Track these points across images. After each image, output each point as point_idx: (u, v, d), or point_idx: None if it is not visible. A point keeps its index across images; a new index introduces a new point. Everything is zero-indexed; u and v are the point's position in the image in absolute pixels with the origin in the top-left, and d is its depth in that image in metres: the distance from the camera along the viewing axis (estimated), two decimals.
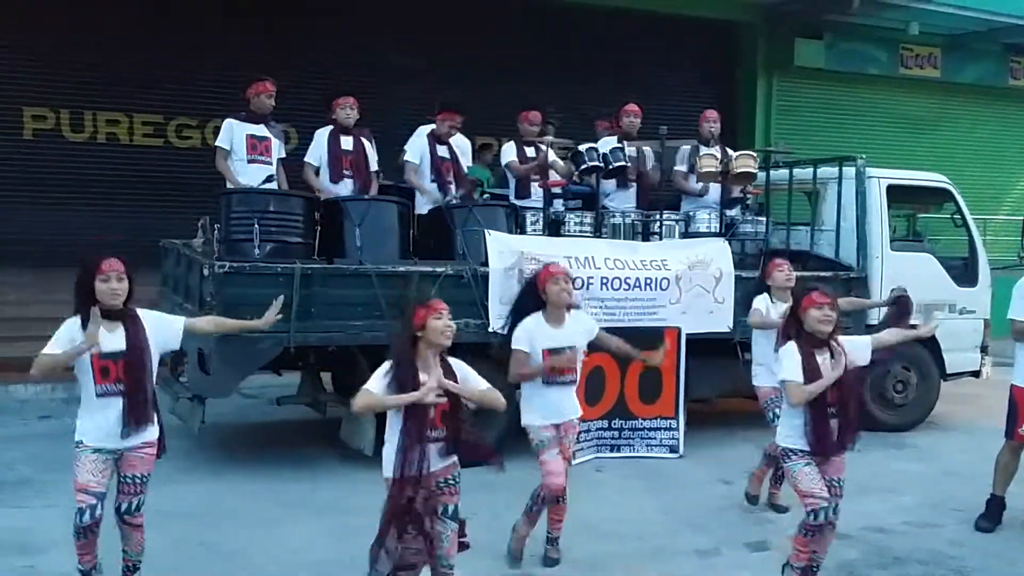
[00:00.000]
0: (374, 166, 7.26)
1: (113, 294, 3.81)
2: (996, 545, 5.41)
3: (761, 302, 5.81)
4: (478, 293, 6.45)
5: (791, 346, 4.27)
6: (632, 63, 14.31)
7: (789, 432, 4.32)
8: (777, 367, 4.39)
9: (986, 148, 17.38)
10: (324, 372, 7.47)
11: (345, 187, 7.09)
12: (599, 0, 13.78)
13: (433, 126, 7.48)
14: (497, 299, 6.47)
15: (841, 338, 4.33)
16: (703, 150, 7.93)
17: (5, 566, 4.68)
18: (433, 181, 7.38)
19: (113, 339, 3.83)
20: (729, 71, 15.97)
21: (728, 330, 7.29)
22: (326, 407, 7.34)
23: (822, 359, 4.23)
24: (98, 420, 3.88)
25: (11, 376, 8.64)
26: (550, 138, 7.71)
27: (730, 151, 7.96)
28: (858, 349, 4.38)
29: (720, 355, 7.38)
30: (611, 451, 7.02)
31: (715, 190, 7.98)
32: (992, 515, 5.64)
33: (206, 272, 5.89)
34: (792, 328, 4.35)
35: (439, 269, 6.40)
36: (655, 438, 7.12)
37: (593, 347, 5.13)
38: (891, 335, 4.67)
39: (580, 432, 6.52)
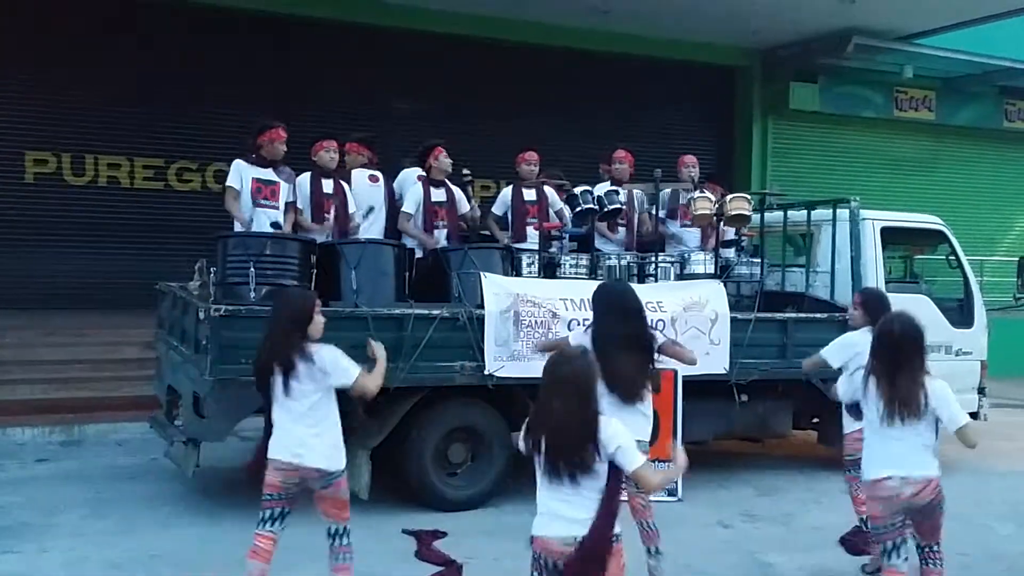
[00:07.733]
0: (352, 208, 7.29)
1: None
2: None
3: None
4: (474, 336, 6.45)
5: None
6: (632, 107, 14.52)
7: None
8: None
9: (981, 190, 17.45)
10: None
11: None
12: (600, 46, 14.01)
13: (419, 170, 7.52)
14: (493, 341, 6.47)
15: None
16: (684, 195, 8.11)
17: None
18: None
19: None
20: (726, 114, 16.14)
21: (724, 371, 7.27)
22: None
23: None
24: None
25: (10, 419, 8.60)
26: (545, 179, 7.77)
27: (698, 192, 8.08)
28: None
29: (716, 397, 7.37)
30: None
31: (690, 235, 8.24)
32: None
33: (202, 315, 5.89)
34: None
35: (435, 311, 6.41)
36: None
37: None
38: None
39: None
